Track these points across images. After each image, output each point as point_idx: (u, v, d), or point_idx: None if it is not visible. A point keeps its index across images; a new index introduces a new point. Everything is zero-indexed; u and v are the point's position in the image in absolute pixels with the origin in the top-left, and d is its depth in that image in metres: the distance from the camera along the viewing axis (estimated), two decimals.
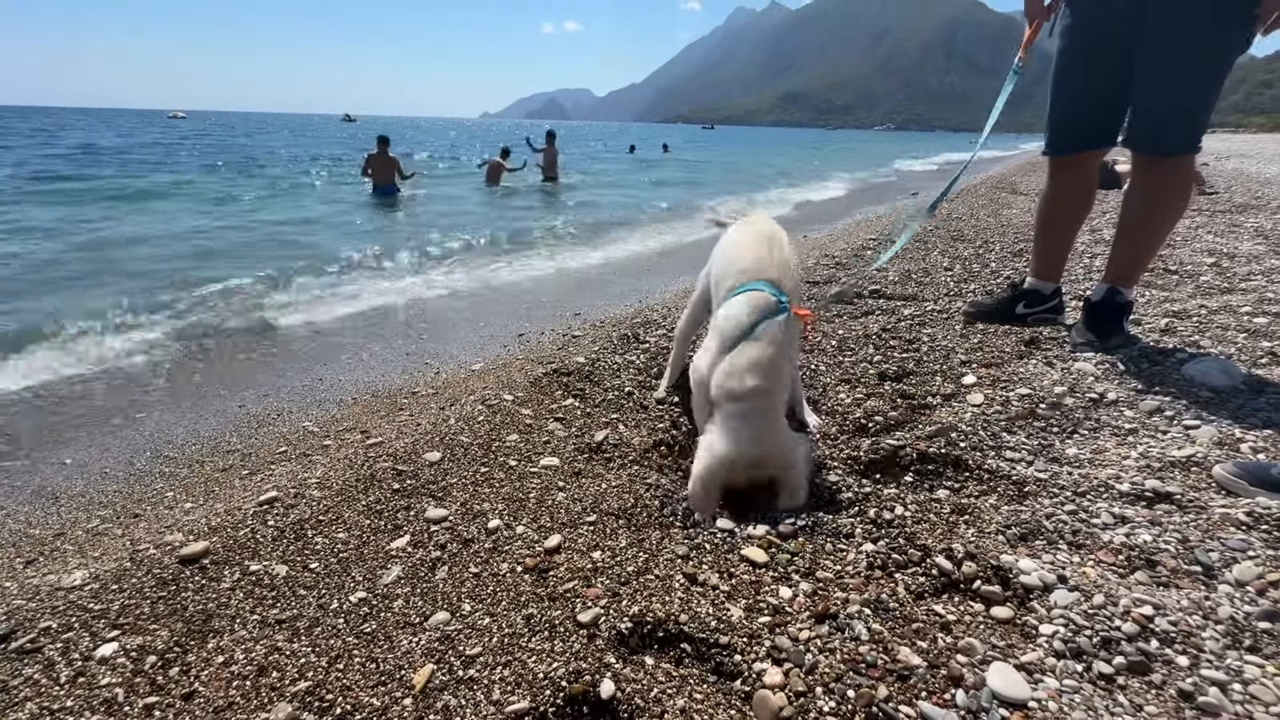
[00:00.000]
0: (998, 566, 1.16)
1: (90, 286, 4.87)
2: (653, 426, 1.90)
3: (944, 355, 2.24)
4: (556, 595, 1.15)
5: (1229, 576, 1.09)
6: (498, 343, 3.50)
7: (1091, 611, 1.03)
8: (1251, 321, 2.31)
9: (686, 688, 0.95)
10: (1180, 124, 1.97)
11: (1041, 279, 2.53)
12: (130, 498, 2.03)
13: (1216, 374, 1.82)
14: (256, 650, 1.06)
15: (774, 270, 1.59)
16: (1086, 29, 2.13)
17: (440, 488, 1.56)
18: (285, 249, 6.50)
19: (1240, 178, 8.43)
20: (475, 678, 0.98)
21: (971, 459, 1.54)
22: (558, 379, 2.21)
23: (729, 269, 1.65)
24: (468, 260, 6.01)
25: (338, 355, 3.42)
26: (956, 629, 1.04)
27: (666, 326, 2.84)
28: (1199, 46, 1.87)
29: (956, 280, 3.42)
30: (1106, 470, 1.44)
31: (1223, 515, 1.24)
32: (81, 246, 6.34)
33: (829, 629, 1.04)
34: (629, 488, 1.52)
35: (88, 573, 1.33)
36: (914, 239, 4.86)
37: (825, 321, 2.82)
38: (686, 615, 1.07)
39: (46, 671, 1.03)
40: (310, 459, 2.06)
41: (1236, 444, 1.49)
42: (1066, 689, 0.91)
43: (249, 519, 1.46)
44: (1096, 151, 2.32)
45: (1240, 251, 3.59)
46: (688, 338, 2.08)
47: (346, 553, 1.32)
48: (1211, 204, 5.82)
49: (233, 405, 2.76)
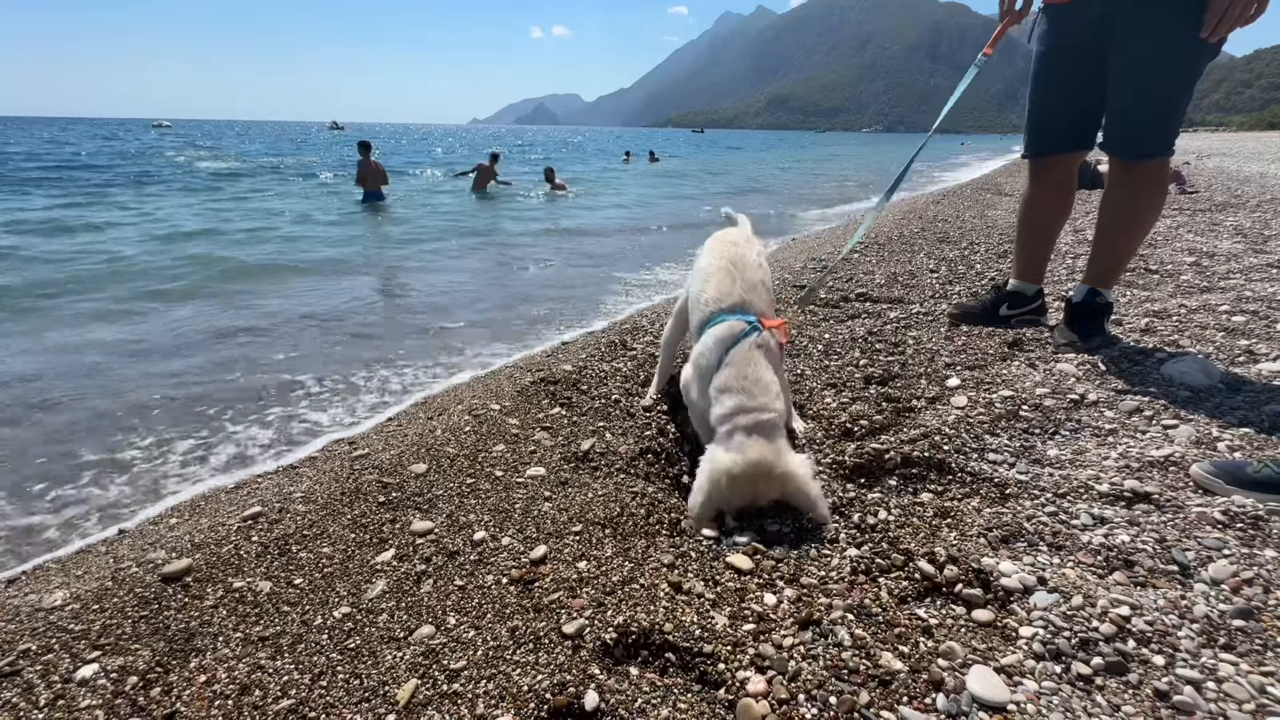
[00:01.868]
0: (979, 569, 1.17)
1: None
2: (640, 434, 1.90)
3: (929, 358, 2.26)
4: (542, 606, 1.15)
5: (1205, 575, 1.11)
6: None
7: (1070, 613, 1.05)
8: (1230, 320, 2.35)
9: (670, 697, 0.95)
10: (1153, 127, 2.00)
11: (1024, 280, 2.56)
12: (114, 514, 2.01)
13: (1195, 373, 1.85)
14: (239, 669, 1.06)
15: (737, 295, 1.61)
16: (1061, 34, 2.17)
17: (426, 500, 1.56)
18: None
19: (1220, 176, 8.56)
20: (460, 692, 0.98)
21: (955, 462, 1.56)
22: (545, 387, 2.22)
23: (698, 299, 1.68)
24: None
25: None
26: (938, 633, 1.05)
27: (654, 333, 2.85)
28: (1168, 51, 1.91)
29: (942, 282, 3.45)
30: (1087, 471, 1.46)
31: (1199, 514, 1.26)
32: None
33: (812, 635, 1.05)
34: (615, 496, 1.52)
35: (68, 592, 1.31)
36: (902, 243, 4.90)
37: (810, 325, 2.84)
38: (671, 624, 1.07)
39: (25, 695, 1.02)
40: (296, 472, 2.05)
41: (1214, 443, 1.51)
42: (1045, 691, 0.92)
43: (232, 535, 1.45)
44: (1074, 154, 2.35)
45: (1220, 250, 3.65)
46: (674, 345, 2.09)
47: (331, 568, 1.32)
48: (1192, 203, 5.90)
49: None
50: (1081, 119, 2.23)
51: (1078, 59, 2.14)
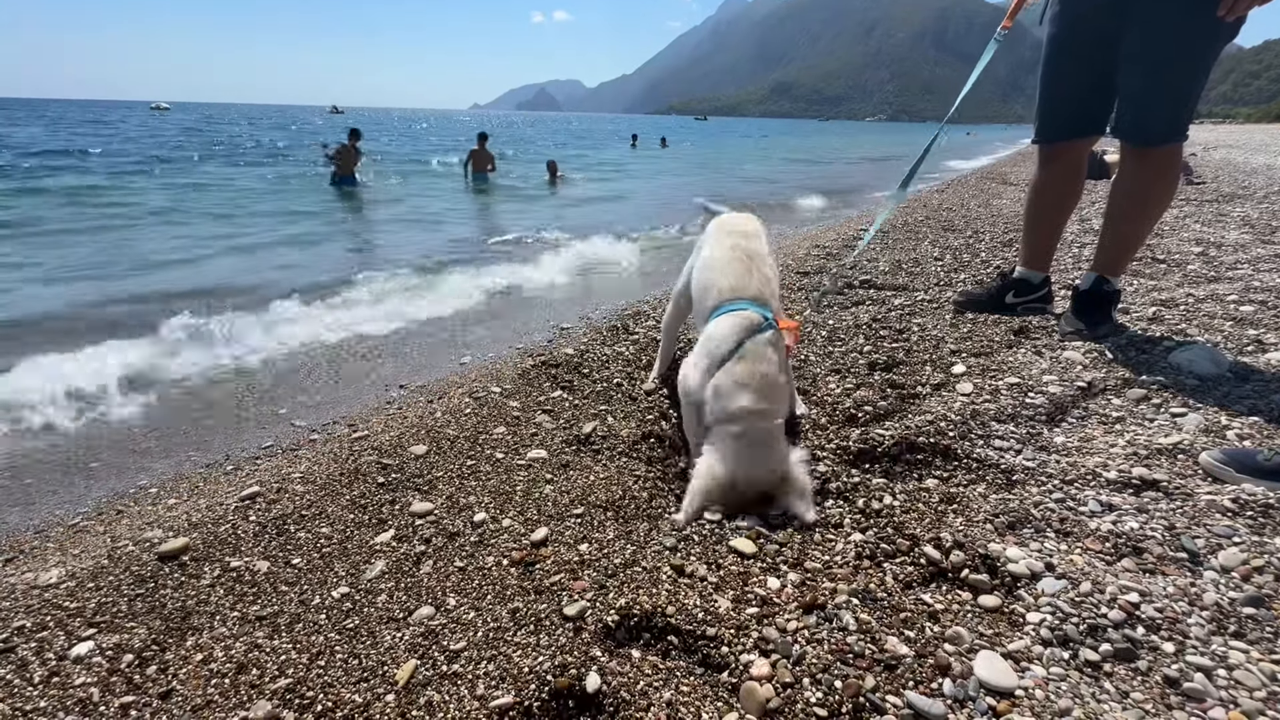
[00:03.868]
0: (986, 555, 1.15)
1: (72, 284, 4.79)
2: (641, 418, 1.89)
3: (934, 345, 2.24)
4: (543, 588, 1.14)
5: (1214, 563, 1.09)
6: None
7: (1078, 599, 1.03)
8: (1238, 309, 2.32)
9: (673, 680, 0.94)
10: (1166, 114, 1.96)
11: (1030, 268, 2.53)
12: (113, 493, 1.99)
13: (1203, 362, 1.83)
14: (236, 648, 1.05)
15: (755, 288, 1.58)
16: (1074, 18, 2.12)
17: (426, 481, 1.54)
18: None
19: (1227, 167, 8.48)
20: (459, 672, 0.97)
21: (960, 448, 1.54)
22: (546, 371, 2.20)
23: (710, 286, 1.63)
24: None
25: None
26: (944, 618, 1.03)
27: (656, 318, 2.82)
28: (1184, 33, 1.87)
29: (947, 270, 3.42)
30: (1094, 458, 1.44)
31: (1209, 502, 1.24)
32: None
33: (816, 619, 1.03)
34: (617, 480, 1.51)
35: (64, 570, 1.30)
36: (907, 231, 4.86)
37: (815, 313, 2.81)
38: (674, 607, 1.06)
39: (19, 671, 1.01)
40: (295, 453, 2.03)
41: (1223, 431, 1.50)
42: (1053, 677, 0.91)
43: (230, 514, 1.44)
44: (1085, 140, 2.31)
45: (1227, 240, 3.61)
46: (675, 330, 2.07)
47: (329, 548, 1.30)
48: (1199, 194, 5.85)
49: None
50: (1093, 104, 2.19)
51: (1090, 42, 2.09)
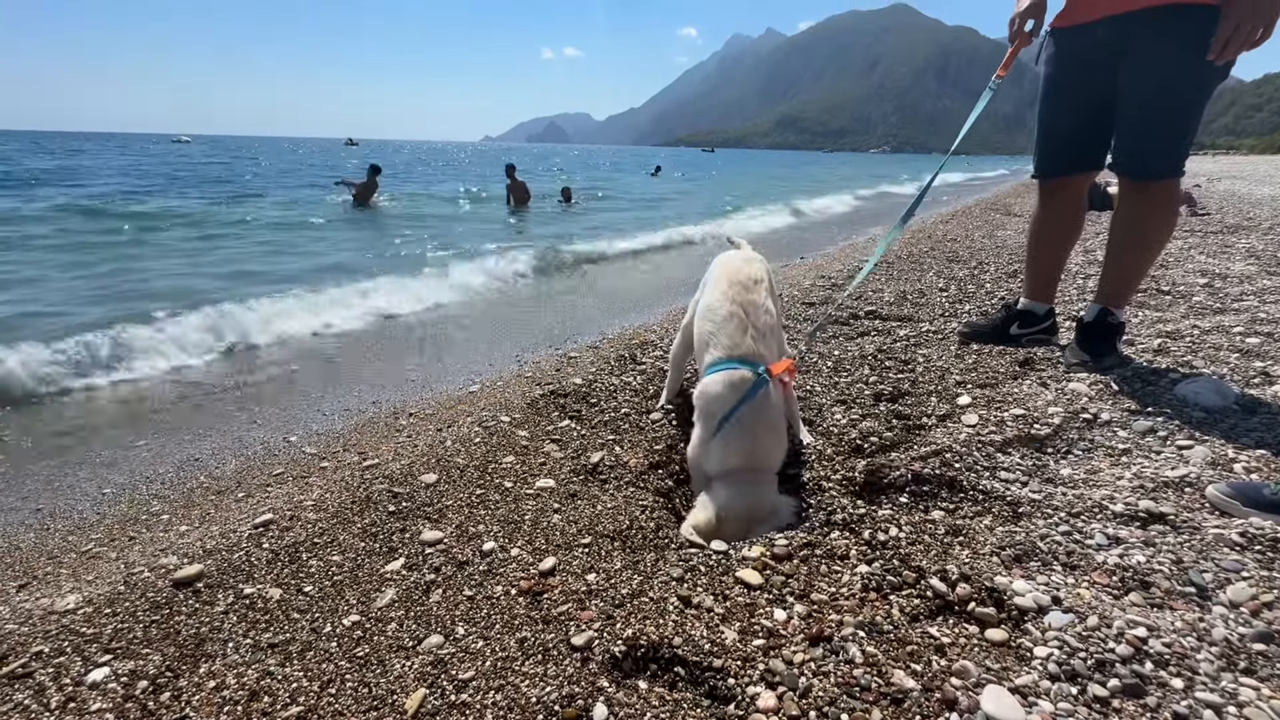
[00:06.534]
0: (992, 588, 1.16)
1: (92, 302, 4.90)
2: (649, 448, 1.90)
3: (939, 376, 2.25)
4: (550, 618, 1.15)
5: (1223, 598, 1.09)
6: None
7: (1086, 633, 1.03)
8: (1244, 341, 2.33)
9: (680, 712, 0.95)
10: (1163, 148, 2.01)
11: (1034, 300, 2.55)
12: (126, 519, 2.02)
13: (1209, 394, 1.84)
14: (248, 675, 1.06)
15: (747, 345, 1.62)
16: (1070, 56, 2.19)
17: (436, 510, 1.56)
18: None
19: (1232, 199, 8.53)
20: (468, 702, 0.98)
21: (966, 480, 1.55)
22: (554, 400, 2.22)
23: (706, 340, 1.68)
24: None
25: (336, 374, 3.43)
26: (951, 651, 1.04)
27: (663, 348, 2.86)
28: (1177, 73, 1.92)
29: (951, 301, 3.45)
30: (1100, 491, 1.44)
31: (1216, 536, 1.24)
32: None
33: (823, 652, 1.04)
34: (624, 510, 1.52)
35: (81, 596, 1.32)
36: (912, 261, 4.91)
37: (820, 341, 2.84)
38: (680, 638, 1.07)
39: (37, 697, 1.03)
40: (307, 481, 2.06)
41: (1230, 464, 1.50)
42: (1061, 712, 0.91)
43: (244, 541, 1.46)
44: (1084, 175, 2.36)
45: (1232, 272, 3.63)
46: (682, 360, 2.10)
47: (341, 575, 1.32)
48: (1204, 225, 5.88)
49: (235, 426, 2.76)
50: (1090, 140, 2.24)
51: (1086, 80, 2.15)
